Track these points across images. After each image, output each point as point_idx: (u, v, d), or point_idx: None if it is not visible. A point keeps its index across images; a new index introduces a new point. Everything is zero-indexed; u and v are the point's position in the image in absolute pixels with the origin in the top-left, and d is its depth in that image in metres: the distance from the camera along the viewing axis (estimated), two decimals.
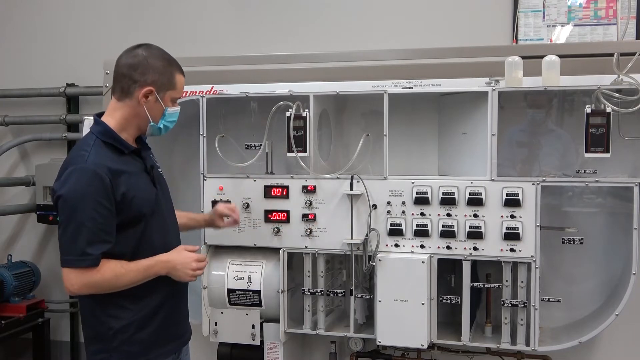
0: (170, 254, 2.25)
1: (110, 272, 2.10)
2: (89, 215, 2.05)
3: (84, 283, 2.09)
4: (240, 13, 3.99)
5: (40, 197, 4.11)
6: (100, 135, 2.19)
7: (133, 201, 2.15)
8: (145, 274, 2.17)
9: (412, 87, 3.07)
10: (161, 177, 2.39)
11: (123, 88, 2.20)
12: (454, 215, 2.86)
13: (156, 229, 2.25)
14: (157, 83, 2.20)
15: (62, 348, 4.43)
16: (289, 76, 3.28)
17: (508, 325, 2.89)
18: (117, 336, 2.18)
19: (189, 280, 2.27)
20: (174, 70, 2.26)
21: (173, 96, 2.27)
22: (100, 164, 2.10)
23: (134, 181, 2.18)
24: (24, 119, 4.37)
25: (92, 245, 2.07)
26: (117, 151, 2.19)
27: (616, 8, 3.36)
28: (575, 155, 2.97)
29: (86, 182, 2.07)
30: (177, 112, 2.33)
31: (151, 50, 2.24)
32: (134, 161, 2.25)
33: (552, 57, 2.84)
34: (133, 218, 2.16)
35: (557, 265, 3.09)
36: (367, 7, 3.77)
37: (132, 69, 2.19)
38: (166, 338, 2.28)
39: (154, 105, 2.22)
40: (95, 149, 2.15)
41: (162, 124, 2.28)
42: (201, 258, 2.30)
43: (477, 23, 3.58)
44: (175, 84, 2.26)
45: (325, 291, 3.05)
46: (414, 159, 3.21)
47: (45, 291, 4.41)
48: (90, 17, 4.29)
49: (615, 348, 3.23)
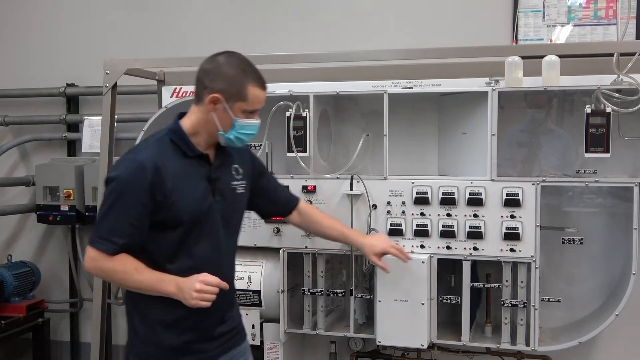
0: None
1: (121, 266, 2.08)
2: (122, 205, 2.05)
3: (95, 265, 2.09)
4: (240, 13, 3.99)
5: (40, 197, 4.10)
6: (169, 132, 2.17)
7: (174, 205, 2.09)
8: (154, 286, 2.09)
9: (412, 87, 3.07)
10: (232, 192, 2.26)
11: (197, 93, 2.17)
12: (454, 215, 2.86)
13: (200, 240, 2.16)
14: (225, 92, 2.11)
15: (62, 348, 4.43)
16: (289, 76, 3.28)
17: (508, 325, 2.89)
18: (139, 334, 2.18)
19: (193, 304, 2.05)
20: (247, 81, 2.13)
21: (244, 108, 2.14)
22: (150, 159, 2.07)
23: (184, 186, 2.12)
24: (24, 119, 4.37)
25: (115, 233, 2.06)
26: (181, 152, 2.15)
27: (616, 8, 3.36)
28: (575, 155, 2.97)
29: (130, 173, 2.06)
30: (254, 126, 2.20)
31: (229, 58, 2.16)
32: (198, 166, 2.17)
33: (552, 57, 2.84)
34: (170, 221, 2.11)
35: (557, 265, 3.09)
36: (367, 7, 3.77)
37: (205, 74, 2.15)
38: (183, 351, 2.19)
39: (223, 114, 2.13)
40: (157, 144, 2.14)
41: (232, 134, 2.16)
42: (208, 280, 2.07)
43: (477, 23, 3.58)
44: (246, 96, 2.13)
45: (325, 291, 3.05)
46: (414, 159, 3.21)
47: (45, 291, 4.41)
48: (90, 17, 4.29)
49: (615, 348, 3.24)
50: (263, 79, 2.18)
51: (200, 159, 2.18)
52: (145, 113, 3.85)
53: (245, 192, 2.32)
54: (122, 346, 4.32)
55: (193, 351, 2.19)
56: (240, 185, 2.30)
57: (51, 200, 4.10)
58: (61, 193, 4.04)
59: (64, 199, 4.04)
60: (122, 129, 3.99)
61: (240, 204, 2.32)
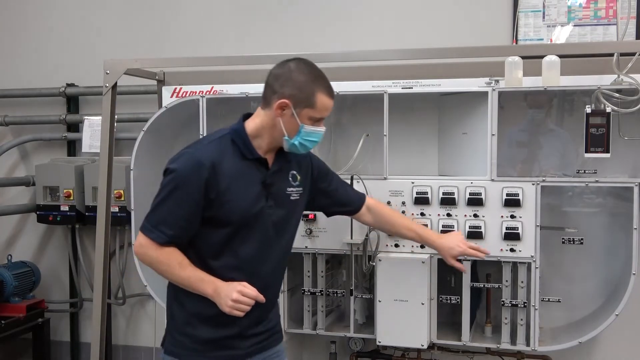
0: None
1: (166, 258, 2.11)
2: (176, 198, 2.08)
3: (142, 252, 2.14)
4: (240, 13, 3.99)
5: (40, 197, 4.10)
6: (232, 132, 2.19)
7: (225, 205, 2.11)
8: (194, 284, 2.12)
9: (412, 87, 3.07)
10: (286, 198, 2.26)
11: (265, 97, 2.18)
12: (454, 215, 2.86)
13: (246, 241, 2.17)
14: (294, 97, 2.12)
15: (62, 348, 4.43)
16: None
17: (508, 325, 2.89)
18: (173, 321, 2.23)
19: (228, 311, 2.07)
20: (317, 89, 2.14)
21: (311, 115, 2.15)
22: (208, 157, 2.09)
23: (238, 187, 2.13)
24: (24, 119, 4.37)
25: (166, 224, 2.09)
26: (240, 154, 2.16)
27: (616, 8, 3.36)
28: (575, 155, 2.97)
29: (188, 168, 2.08)
30: (319, 134, 2.21)
31: (300, 65, 2.16)
32: (255, 170, 2.18)
33: (552, 57, 2.85)
34: (220, 220, 2.13)
35: (557, 265, 3.09)
36: (367, 7, 3.77)
37: (275, 79, 2.15)
38: (211, 345, 2.21)
39: (290, 120, 2.13)
40: (218, 142, 2.16)
41: (297, 140, 2.16)
42: (246, 292, 2.08)
43: (477, 23, 3.58)
44: (314, 103, 2.14)
45: (325, 291, 3.05)
46: (414, 159, 3.21)
47: (45, 291, 4.41)
48: (90, 17, 4.29)
49: (615, 348, 3.24)
50: (332, 88, 2.20)
51: (258, 163, 2.19)
52: (145, 113, 3.85)
53: (300, 199, 2.33)
54: (122, 346, 4.33)
55: (226, 347, 2.21)
56: (295, 191, 2.30)
57: (51, 200, 4.10)
58: (61, 193, 4.04)
59: (64, 199, 4.04)
60: (122, 129, 3.99)
61: (293, 210, 2.31)
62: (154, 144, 3.32)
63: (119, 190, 3.85)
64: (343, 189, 2.57)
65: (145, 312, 4.30)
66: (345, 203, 2.57)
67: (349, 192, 2.61)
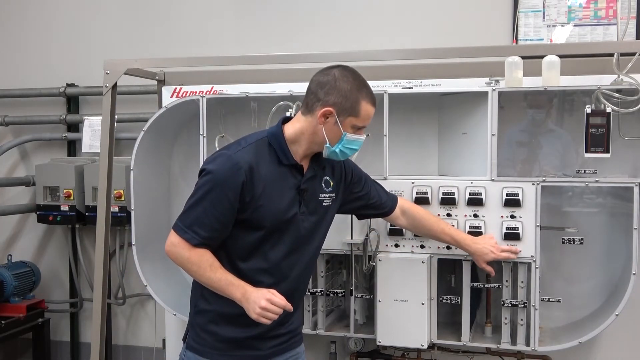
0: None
1: (197, 259, 2.11)
2: (211, 199, 2.08)
3: (174, 251, 2.14)
4: (241, 13, 3.99)
5: (40, 197, 4.11)
6: (270, 136, 2.19)
7: (259, 209, 2.12)
8: (223, 287, 2.12)
9: (412, 87, 3.07)
10: (319, 204, 2.28)
11: (308, 103, 2.18)
12: (454, 215, 2.86)
13: (277, 246, 2.19)
14: (338, 105, 2.13)
15: (62, 348, 4.44)
16: (289, 76, 3.28)
17: (508, 325, 2.89)
18: (197, 317, 2.25)
19: (255, 318, 2.07)
20: (361, 97, 2.15)
21: (354, 123, 2.17)
22: (245, 160, 2.10)
23: (273, 192, 2.14)
24: (24, 119, 4.37)
25: (200, 225, 2.10)
26: (277, 158, 2.17)
27: (616, 8, 3.37)
28: (575, 155, 2.97)
29: (224, 170, 2.08)
30: (359, 142, 2.22)
31: (344, 72, 2.16)
32: (290, 175, 2.19)
33: (552, 57, 2.84)
34: (252, 223, 2.14)
35: (557, 265, 3.09)
36: (367, 8, 3.78)
37: (319, 86, 2.15)
38: (232, 344, 2.23)
39: (332, 127, 2.15)
40: (255, 145, 2.16)
41: (338, 148, 2.18)
42: (274, 300, 2.07)
43: (477, 23, 3.58)
44: (358, 112, 2.15)
45: (326, 291, 3.05)
46: (414, 159, 3.21)
47: (45, 291, 4.41)
48: (90, 17, 4.30)
49: (615, 348, 3.23)
50: (374, 96, 2.20)
51: (294, 168, 2.20)
52: (145, 113, 3.85)
53: (332, 205, 2.34)
54: (122, 346, 4.33)
55: (247, 347, 2.22)
56: (328, 197, 2.31)
57: (51, 200, 4.10)
58: (61, 193, 4.05)
59: (64, 199, 4.04)
60: (122, 129, 4.00)
61: (324, 216, 2.33)
62: (154, 144, 3.32)
63: (119, 190, 3.86)
64: (376, 192, 2.58)
65: (145, 312, 4.30)
66: (377, 206, 2.59)
67: (381, 195, 2.61)
